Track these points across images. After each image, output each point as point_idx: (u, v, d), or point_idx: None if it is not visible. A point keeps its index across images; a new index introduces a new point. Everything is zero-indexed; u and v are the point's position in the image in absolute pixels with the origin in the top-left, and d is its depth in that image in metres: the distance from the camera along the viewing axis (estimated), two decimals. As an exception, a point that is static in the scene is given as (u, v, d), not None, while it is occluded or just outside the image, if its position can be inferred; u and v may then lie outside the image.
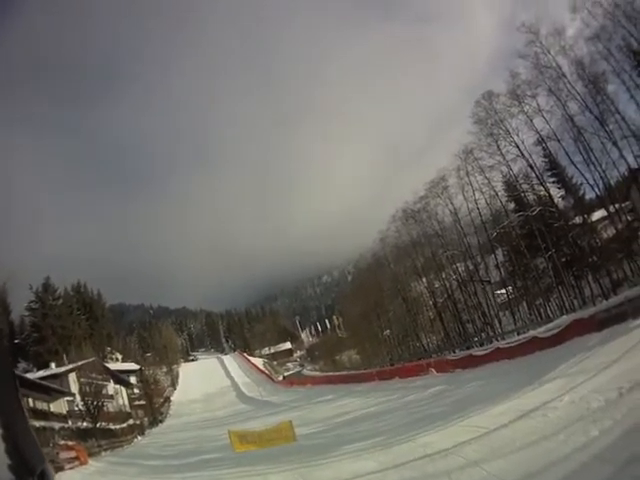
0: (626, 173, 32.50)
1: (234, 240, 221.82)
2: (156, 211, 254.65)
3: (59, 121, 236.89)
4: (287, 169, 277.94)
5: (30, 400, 33.57)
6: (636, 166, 31.59)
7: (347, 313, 73.93)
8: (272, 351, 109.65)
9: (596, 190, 34.03)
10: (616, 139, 30.90)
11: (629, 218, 33.21)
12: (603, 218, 34.99)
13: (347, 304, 74.18)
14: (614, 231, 33.62)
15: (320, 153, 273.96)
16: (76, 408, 38.89)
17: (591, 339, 17.43)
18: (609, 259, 32.47)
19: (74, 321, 73.24)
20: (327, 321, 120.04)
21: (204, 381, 77.30)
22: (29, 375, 46.21)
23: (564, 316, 26.48)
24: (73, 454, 21.29)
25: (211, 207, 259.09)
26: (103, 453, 27.74)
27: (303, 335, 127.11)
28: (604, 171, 32.20)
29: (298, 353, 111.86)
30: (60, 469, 19.13)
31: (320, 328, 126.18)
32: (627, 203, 33.61)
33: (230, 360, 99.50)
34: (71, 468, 20.01)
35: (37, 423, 23.93)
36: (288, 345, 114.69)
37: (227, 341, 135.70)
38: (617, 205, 33.01)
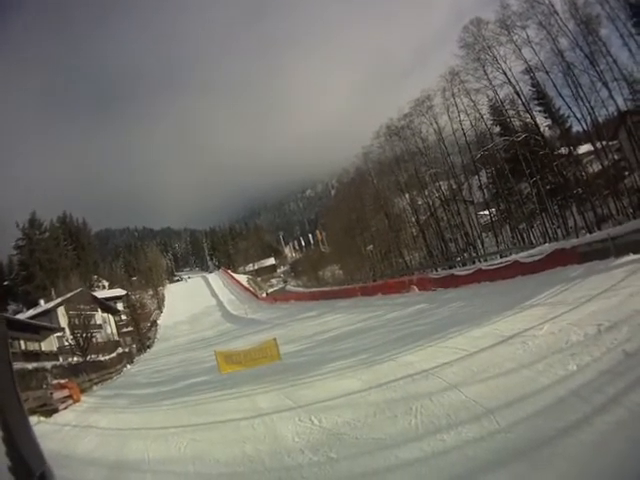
0: (615, 114, 32.34)
1: (217, 157, 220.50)
2: (137, 133, 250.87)
3: (35, 52, 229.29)
4: (270, 86, 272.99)
5: (22, 342, 33.82)
6: (625, 109, 31.46)
7: (330, 228, 74.15)
8: (256, 267, 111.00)
9: (583, 124, 34.17)
10: (606, 80, 30.61)
11: (615, 157, 33.26)
12: (589, 152, 34.99)
13: (330, 219, 74.61)
14: (600, 167, 33.69)
15: (304, 71, 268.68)
16: (66, 343, 39.57)
17: (572, 270, 17.73)
18: (594, 194, 32.71)
19: (61, 253, 73.78)
20: (310, 236, 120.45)
21: (189, 301, 78.19)
22: (19, 316, 46.43)
23: (546, 244, 26.84)
24: (66, 392, 21.15)
25: (192, 126, 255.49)
26: (94, 387, 27.93)
27: (287, 250, 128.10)
28: (592, 108, 32.17)
29: (282, 269, 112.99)
30: (55, 411, 19.19)
31: (303, 243, 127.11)
32: (614, 142, 33.58)
33: (215, 278, 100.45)
34: (65, 408, 20.01)
35: (30, 365, 23.90)
36: (272, 261, 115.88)
37: (211, 259, 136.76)
38: (604, 142, 32.98)
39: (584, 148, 36.01)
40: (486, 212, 44.23)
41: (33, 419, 17.42)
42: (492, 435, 6.91)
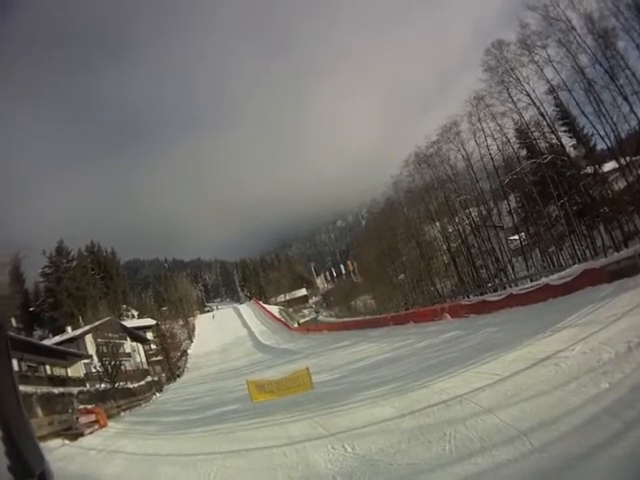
0: (637, 127, 32.11)
1: (247, 190, 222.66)
2: (168, 166, 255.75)
3: (66, 88, 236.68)
4: (300, 120, 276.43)
5: (47, 367, 34.14)
6: (646, 122, 31.28)
7: (361, 258, 74.32)
8: (287, 298, 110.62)
9: (607, 142, 33.89)
10: (626, 94, 30.49)
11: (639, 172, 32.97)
12: (614, 170, 34.66)
13: (361, 249, 74.75)
14: (625, 183, 33.36)
15: (332, 102, 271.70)
16: (94, 370, 39.43)
17: (602, 290, 17.60)
18: (620, 211, 32.37)
19: (89, 281, 74.22)
20: (342, 266, 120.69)
21: (220, 332, 78.13)
22: (45, 342, 46.86)
23: (576, 265, 26.56)
24: (92, 418, 21.50)
25: (223, 160, 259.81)
26: (122, 413, 28.14)
27: (318, 281, 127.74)
28: (615, 123, 31.94)
29: (313, 299, 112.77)
30: (80, 435, 19.48)
31: (335, 273, 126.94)
32: (638, 157, 33.29)
33: (246, 309, 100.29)
34: (91, 432, 20.27)
35: (56, 390, 24.16)
36: (303, 291, 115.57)
37: (242, 290, 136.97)
38: (628, 158, 32.72)
39: (609, 166, 35.58)
40: (516, 237, 43.87)
41: (57, 442, 17.66)
42: (525, 456, 6.87)
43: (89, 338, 46.19)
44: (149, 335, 64.59)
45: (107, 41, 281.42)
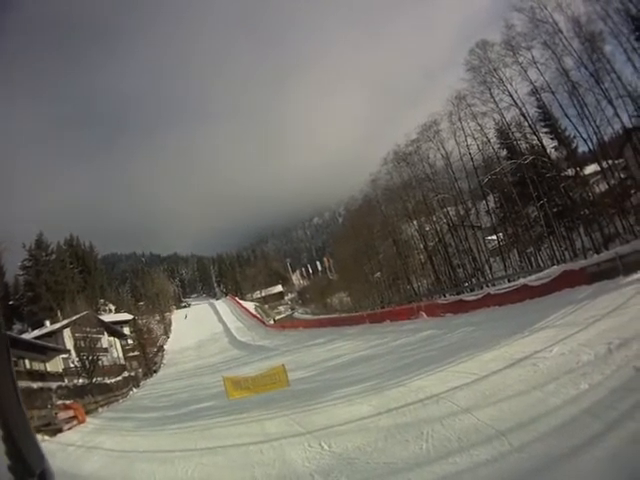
0: (620, 131, 32.43)
1: (224, 186, 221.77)
2: (144, 162, 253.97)
3: (44, 78, 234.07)
4: (277, 117, 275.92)
5: (27, 362, 33.65)
6: (631, 126, 31.56)
7: (338, 255, 74.17)
8: (263, 294, 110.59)
9: (589, 144, 34.24)
10: (611, 97, 30.77)
11: (622, 175, 33.28)
12: (596, 172, 35.05)
13: (338, 246, 74.78)
14: (606, 186, 33.73)
15: (313, 99, 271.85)
16: (72, 365, 39.04)
17: (581, 291, 17.74)
18: (601, 213, 32.71)
19: (67, 275, 73.64)
20: (318, 263, 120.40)
21: (196, 328, 77.84)
22: (24, 336, 46.28)
23: (555, 266, 26.77)
24: (71, 413, 21.32)
25: (199, 156, 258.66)
26: (100, 409, 27.86)
27: (294, 277, 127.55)
28: (598, 127, 32.25)
29: (289, 296, 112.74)
30: (59, 431, 19.27)
31: (311, 270, 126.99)
32: (620, 161, 33.62)
33: (222, 305, 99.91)
34: (69, 428, 20.08)
35: (35, 385, 23.80)
36: (279, 288, 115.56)
37: (219, 285, 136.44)
38: (610, 161, 33.04)
39: (590, 168, 35.94)
40: (494, 237, 44.21)
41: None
42: (504, 456, 6.84)
43: (67, 332, 45.60)
44: (126, 330, 63.98)
45: (96, 36, 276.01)
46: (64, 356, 41.13)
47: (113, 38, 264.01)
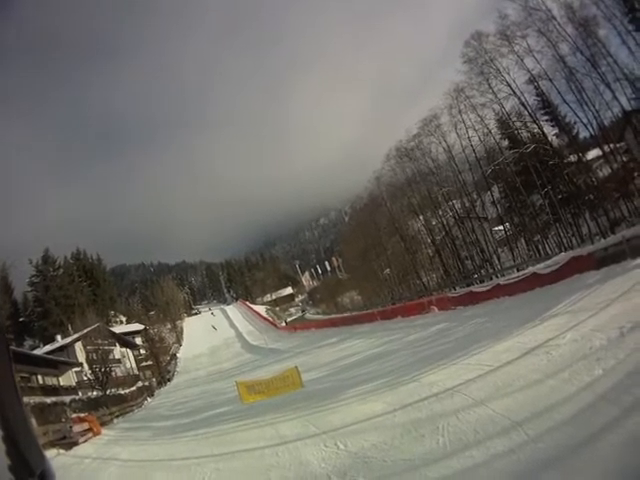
0: (620, 115, 32.29)
1: (229, 190, 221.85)
2: (148, 170, 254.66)
3: (50, 91, 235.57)
4: (279, 118, 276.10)
5: (39, 377, 33.84)
6: (630, 109, 31.42)
7: (346, 254, 74.37)
8: (274, 297, 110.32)
9: (590, 129, 34.15)
10: (609, 81, 30.67)
11: (624, 159, 33.11)
12: (598, 157, 34.88)
13: (346, 245, 74.80)
14: (609, 170, 33.56)
15: (315, 99, 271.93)
16: (85, 378, 39.28)
17: (590, 277, 17.57)
18: (606, 198, 32.56)
19: (76, 289, 73.62)
20: (327, 263, 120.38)
21: (208, 334, 77.81)
22: (36, 351, 46.54)
23: (562, 253, 26.61)
24: (86, 426, 21.39)
25: (203, 161, 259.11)
26: (115, 420, 28.11)
27: (304, 279, 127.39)
28: (597, 111, 32.17)
29: (300, 297, 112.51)
30: (74, 444, 19.34)
31: (320, 271, 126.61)
32: (622, 144, 33.45)
33: (233, 310, 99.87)
34: (85, 441, 20.17)
35: (48, 399, 23.92)
36: (289, 290, 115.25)
37: (229, 291, 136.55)
38: (611, 145, 32.88)
39: (593, 153, 35.82)
40: (500, 227, 44.04)
41: (52, 452, 17.49)
42: (521, 447, 6.78)
43: (79, 346, 45.82)
44: (138, 340, 64.03)
45: (93, 45, 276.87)
46: (77, 369, 41.37)
47: (108, 50, 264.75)
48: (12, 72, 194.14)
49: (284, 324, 76.12)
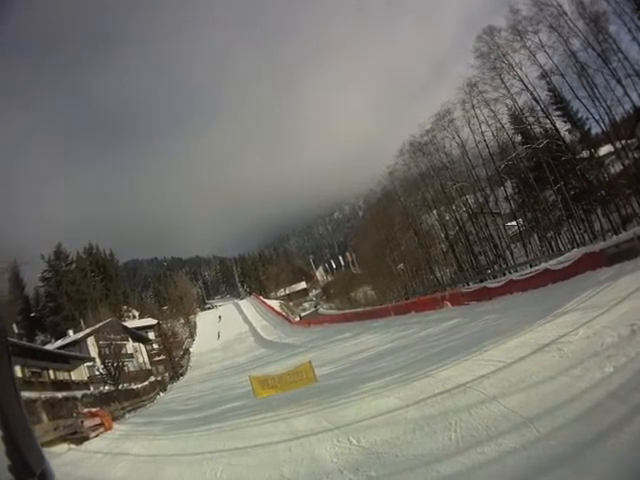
0: (631, 111, 32.11)
1: (244, 184, 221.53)
2: (164, 163, 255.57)
3: (58, 86, 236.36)
4: (293, 110, 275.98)
5: (51, 372, 34.03)
6: (641, 105, 31.28)
7: (360, 249, 74.22)
8: (287, 292, 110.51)
9: (601, 125, 33.82)
10: (620, 77, 30.47)
11: (635, 155, 32.91)
12: (610, 153, 34.65)
13: (359, 240, 74.77)
14: (621, 167, 33.37)
15: (326, 93, 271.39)
16: (97, 372, 39.45)
17: (602, 274, 17.59)
18: (617, 194, 32.36)
19: (89, 284, 73.95)
20: (341, 258, 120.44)
21: (222, 329, 77.85)
22: (48, 346, 46.74)
23: (575, 249, 26.52)
24: (97, 421, 21.51)
25: (220, 155, 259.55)
26: (127, 415, 28.29)
27: (317, 274, 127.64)
28: (609, 107, 31.93)
29: (313, 292, 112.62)
30: (86, 439, 19.49)
31: (334, 265, 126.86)
32: (633, 140, 33.26)
33: (246, 304, 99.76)
34: (96, 436, 20.29)
35: (59, 394, 24.01)
36: (303, 285, 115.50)
37: (242, 285, 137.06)
38: (623, 141, 32.69)
39: (605, 149, 35.69)
40: (513, 223, 43.95)
41: (63, 447, 17.65)
42: (533, 444, 6.83)
43: (91, 340, 46.14)
44: (151, 335, 64.22)
45: (100, 39, 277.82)
46: (89, 364, 41.59)
47: (116, 41, 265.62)
48: (25, 67, 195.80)
49: (298, 319, 76.00)
